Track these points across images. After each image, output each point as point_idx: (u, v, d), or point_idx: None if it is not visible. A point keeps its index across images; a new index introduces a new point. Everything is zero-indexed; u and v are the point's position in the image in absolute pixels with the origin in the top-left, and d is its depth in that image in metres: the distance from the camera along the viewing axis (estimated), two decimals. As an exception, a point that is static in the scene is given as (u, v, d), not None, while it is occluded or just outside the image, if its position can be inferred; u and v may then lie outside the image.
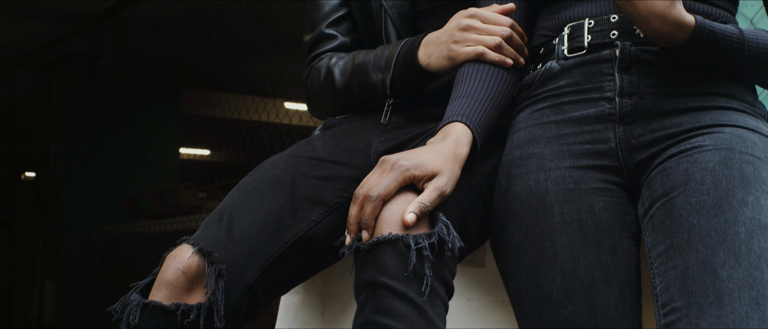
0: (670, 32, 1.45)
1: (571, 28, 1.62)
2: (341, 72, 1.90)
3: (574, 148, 1.56)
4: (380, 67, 1.82)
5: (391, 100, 1.83)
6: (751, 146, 1.47)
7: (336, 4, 1.99)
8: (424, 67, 1.76)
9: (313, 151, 1.77)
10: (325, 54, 1.97)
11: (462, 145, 1.51)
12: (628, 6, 1.46)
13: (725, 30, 1.48)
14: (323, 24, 1.99)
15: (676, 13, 1.44)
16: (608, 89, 1.56)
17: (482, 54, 1.67)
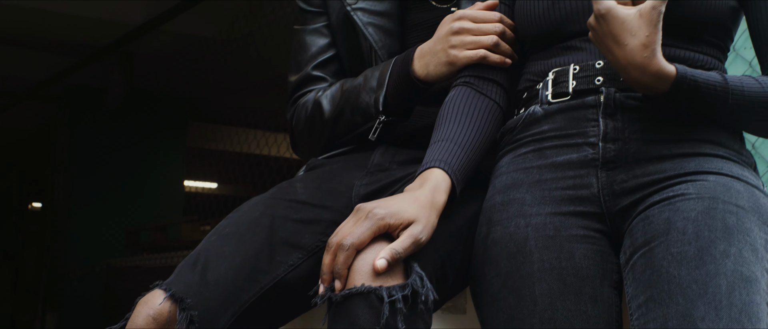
0: (649, 83, 1.43)
1: (555, 74, 1.59)
2: (330, 100, 1.88)
3: (556, 194, 1.53)
4: (372, 88, 1.81)
5: (382, 117, 1.81)
6: (736, 195, 1.44)
7: (323, 45, 1.98)
8: (422, 78, 1.75)
9: (293, 193, 1.74)
10: (310, 91, 1.95)
11: (440, 192, 1.48)
12: (609, 55, 1.44)
13: (708, 79, 1.45)
14: (310, 65, 1.97)
15: (656, 63, 1.41)
16: (592, 134, 1.53)
17: (484, 57, 1.68)
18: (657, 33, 1.40)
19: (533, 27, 1.64)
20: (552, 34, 1.62)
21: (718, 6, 1.56)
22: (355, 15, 1.91)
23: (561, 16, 1.61)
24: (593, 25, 1.45)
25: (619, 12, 1.41)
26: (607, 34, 1.43)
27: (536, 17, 1.63)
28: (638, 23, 1.40)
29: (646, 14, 1.40)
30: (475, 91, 1.67)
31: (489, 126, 1.64)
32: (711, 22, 1.57)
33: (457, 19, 1.72)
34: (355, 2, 1.92)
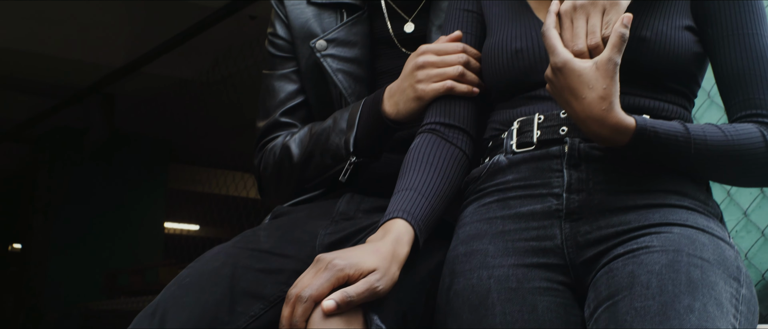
0: (608, 135, 1.42)
1: (520, 123, 1.58)
2: (299, 144, 1.86)
3: (520, 245, 1.51)
4: (342, 129, 1.80)
5: (353, 158, 1.79)
6: (700, 248, 1.42)
7: (292, 91, 1.96)
8: (393, 117, 1.74)
9: (256, 242, 1.72)
10: (278, 136, 1.94)
11: (402, 243, 1.46)
12: (568, 108, 1.44)
13: (669, 129, 1.44)
14: (278, 111, 1.95)
15: (615, 116, 1.40)
16: (556, 185, 1.51)
17: (451, 88, 1.67)
18: (614, 85, 1.39)
19: (498, 77, 1.63)
20: (516, 84, 1.61)
21: (681, 52, 1.55)
22: (324, 61, 1.90)
23: (524, 67, 1.60)
24: (551, 77, 1.44)
25: (576, 65, 1.40)
26: (565, 87, 1.42)
27: (500, 68, 1.62)
28: (595, 76, 1.39)
29: (602, 67, 1.39)
30: (440, 139, 1.66)
31: (454, 174, 1.62)
32: (674, 70, 1.55)
33: (421, 54, 1.72)
34: (325, 49, 1.90)
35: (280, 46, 1.98)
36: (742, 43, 1.56)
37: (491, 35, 1.69)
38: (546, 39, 1.44)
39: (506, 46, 1.63)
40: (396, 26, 1.93)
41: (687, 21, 1.58)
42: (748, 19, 1.57)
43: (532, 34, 1.61)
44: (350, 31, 1.91)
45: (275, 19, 2.00)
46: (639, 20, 1.55)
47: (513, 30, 1.64)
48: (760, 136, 1.49)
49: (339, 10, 1.94)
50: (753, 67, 1.55)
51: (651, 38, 1.53)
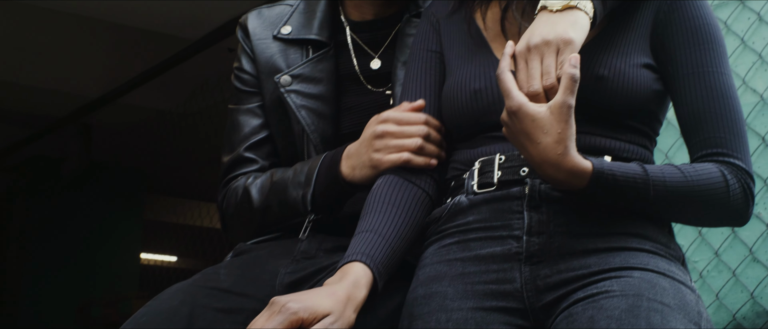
0: (565, 179, 1.41)
1: (481, 163, 1.57)
2: (259, 190, 1.85)
3: (479, 288, 1.49)
4: (300, 183, 1.78)
5: (312, 215, 1.77)
6: (661, 292, 1.40)
7: (256, 126, 1.95)
8: (348, 180, 1.72)
9: (216, 280, 1.69)
10: (242, 176, 1.92)
11: (360, 287, 1.45)
12: (524, 152, 1.42)
13: (627, 171, 1.43)
14: (242, 146, 1.94)
15: (570, 160, 1.39)
16: (517, 227, 1.49)
17: (408, 161, 1.64)
18: (569, 129, 1.38)
19: (458, 118, 1.62)
20: (476, 124, 1.60)
21: (640, 90, 1.53)
22: (288, 97, 1.88)
23: (483, 107, 1.59)
24: (506, 121, 1.43)
25: (530, 109, 1.39)
26: (520, 131, 1.40)
27: (460, 108, 1.61)
28: (549, 120, 1.38)
29: (556, 110, 1.37)
30: (403, 180, 1.64)
31: (417, 216, 1.60)
32: (633, 108, 1.54)
33: (382, 122, 1.69)
34: (289, 84, 1.89)
35: (246, 81, 1.97)
36: (703, 81, 1.54)
37: (451, 75, 1.68)
38: (501, 82, 1.43)
39: (465, 86, 1.61)
40: (362, 62, 1.92)
41: (646, 59, 1.57)
42: (708, 56, 1.56)
43: (491, 74, 1.60)
44: (315, 68, 1.90)
45: (241, 53, 1.99)
46: (596, 58, 1.53)
47: (472, 70, 1.63)
48: (721, 176, 1.48)
49: (305, 46, 1.93)
50: (713, 105, 1.53)
51: (609, 76, 1.52)
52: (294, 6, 1.99)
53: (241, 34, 1.99)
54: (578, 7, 1.45)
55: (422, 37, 1.77)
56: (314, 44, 1.92)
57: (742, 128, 1.55)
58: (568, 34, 1.42)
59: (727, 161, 1.51)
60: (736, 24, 2.79)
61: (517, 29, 1.61)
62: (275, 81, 1.90)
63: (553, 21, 1.44)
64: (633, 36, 1.58)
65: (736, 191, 1.48)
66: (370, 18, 1.93)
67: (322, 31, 1.92)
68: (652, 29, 1.59)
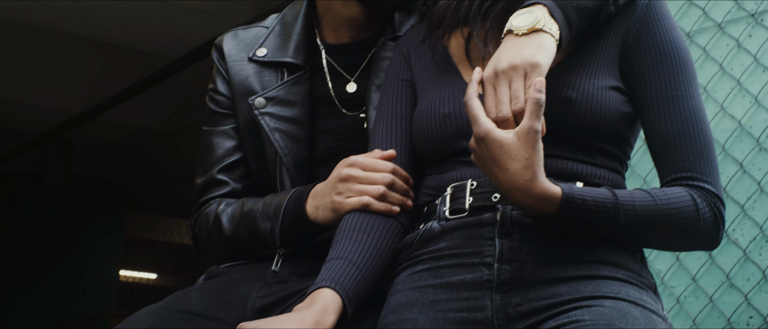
0: (534, 205, 1.40)
1: (453, 189, 1.56)
2: (229, 219, 1.83)
3: (450, 316, 1.47)
4: (269, 216, 1.76)
5: (281, 249, 1.76)
6: (632, 322, 1.39)
7: (230, 148, 1.94)
8: (312, 219, 1.71)
9: (187, 303, 1.68)
10: (215, 199, 1.90)
11: (328, 313, 1.43)
12: (492, 178, 1.41)
13: (597, 196, 1.42)
14: (215, 168, 1.93)
15: (539, 186, 1.38)
16: (488, 254, 1.48)
17: (367, 205, 1.62)
18: (536, 154, 1.37)
19: (428, 142, 1.61)
20: (446, 148, 1.59)
21: (609, 113, 1.53)
22: (262, 120, 1.87)
23: (453, 131, 1.58)
24: (474, 147, 1.42)
25: (497, 135, 1.38)
26: (488, 157, 1.40)
27: (429, 133, 1.61)
28: (517, 146, 1.37)
29: (523, 136, 1.37)
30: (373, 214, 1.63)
31: (389, 242, 1.59)
32: (603, 130, 1.53)
33: (348, 166, 1.68)
34: (264, 107, 1.88)
35: (220, 102, 1.96)
36: (672, 105, 1.54)
37: (421, 100, 1.68)
38: (468, 109, 1.42)
39: (434, 110, 1.61)
40: (337, 86, 1.91)
41: (614, 81, 1.56)
42: (677, 80, 1.55)
43: (460, 98, 1.59)
44: (290, 91, 1.90)
45: (216, 75, 1.98)
46: (564, 80, 1.53)
47: (441, 94, 1.63)
48: (690, 200, 1.47)
49: (280, 68, 1.92)
50: (683, 129, 1.53)
51: (577, 98, 1.52)
52: (270, 28, 1.98)
53: (217, 55, 1.99)
54: (544, 30, 1.45)
55: (393, 68, 1.77)
56: (289, 67, 1.92)
57: (712, 152, 1.55)
58: (535, 57, 1.41)
59: (697, 185, 1.50)
60: (714, 50, 2.80)
61: (481, 55, 1.61)
62: (249, 103, 1.89)
63: (519, 45, 1.44)
64: (601, 58, 1.58)
65: (706, 215, 1.48)
66: (346, 41, 1.93)
67: (298, 54, 1.91)
68: (620, 52, 1.58)
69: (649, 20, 1.58)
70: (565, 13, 1.49)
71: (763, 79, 2.71)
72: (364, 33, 1.92)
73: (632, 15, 1.59)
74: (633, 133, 1.61)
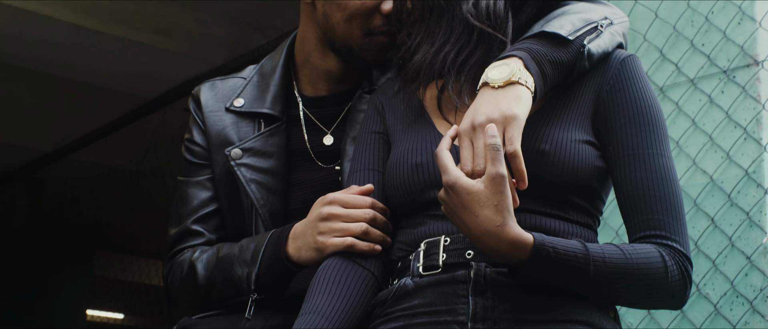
0: (506, 251, 1.40)
1: (427, 245, 1.56)
2: (204, 266, 1.82)
3: None
4: (245, 261, 1.76)
5: (254, 295, 1.75)
6: None
7: (205, 199, 1.93)
8: (294, 261, 1.70)
9: None
10: (189, 248, 1.89)
11: None
12: (463, 227, 1.42)
13: (568, 247, 1.42)
14: (190, 219, 1.92)
15: (511, 230, 1.39)
16: (461, 312, 1.48)
17: (352, 246, 1.62)
18: (505, 199, 1.38)
19: (400, 192, 1.61)
20: (417, 198, 1.59)
21: (582, 166, 1.54)
22: (238, 171, 1.87)
23: (424, 181, 1.58)
24: (444, 198, 1.43)
25: (466, 183, 1.39)
26: (458, 205, 1.40)
27: (401, 182, 1.61)
28: (485, 193, 1.38)
29: (489, 182, 1.38)
30: (348, 261, 1.63)
31: (362, 297, 1.59)
32: (576, 184, 1.54)
33: (328, 204, 1.68)
34: (240, 158, 1.88)
35: (196, 153, 1.95)
36: (643, 162, 1.55)
37: (394, 150, 1.68)
38: (438, 159, 1.43)
39: (406, 160, 1.61)
40: (313, 138, 1.92)
41: (587, 135, 1.57)
42: (649, 138, 1.56)
43: (432, 148, 1.59)
44: (267, 142, 1.90)
45: (192, 124, 1.98)
46: (538, 132, 1.54)
47: (414, 144, 1.63)
48: (659, 258, 1.48)
49: (257, 119, 1.92)
50: (653, 187, 1.53)
51: (550, 151, 1.52)
52: (247, 79, 1.98)
53: (194, 105, 1.99)
54: (520, 82, 1.47)
55: (367, 121, 1.77)
56: (266, 118, 1.92)
57: (681, 210, 1.56)
58: (512, 110, 1.43)
59: (666, 243, 1.51)
60: (687, 105, 2.83)
61: (454, 107, 1.62)
62: (226, 154, 1.89)
63: (496, 98, 1.45)
64: (575, 112, 1.59)
65: (674, 273, 1.48)
66: (324, 94, 1.94)
67: (275, 105, 1.92)
68: (594, 107, 1.60)
69: (622, 77, 1.60)
70: (539, 66, 1.51)
71: (734, 134, 2.73)
72: (342, 86, 1.93)
73: (606, 71, 1.61)
74: (605, 188, 1.62)
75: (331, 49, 1.89)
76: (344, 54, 1.87)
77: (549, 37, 1.55)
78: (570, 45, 1.55)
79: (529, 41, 1.55)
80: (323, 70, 1.91)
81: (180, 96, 5.24)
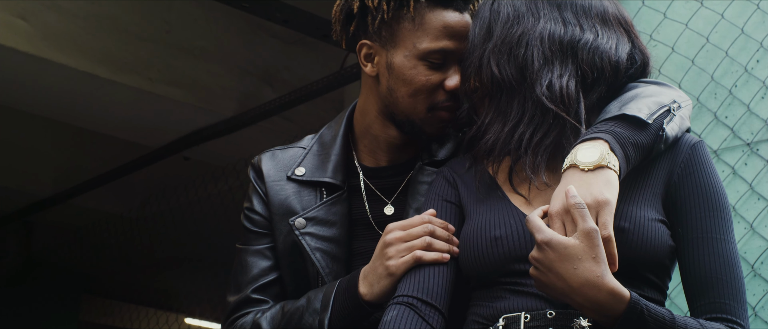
0: (605, 301, 1.44)
1: (506, 320, 1.58)
2: (270, 321, 1.85)
3: None
4: (316, 310, 1.79)
5: None
6: None
7: (265, 268, 1.95)
8: (368, 299, 1.75)
9: None
10: (250, 312, 1.91)
11: None
12: (560, 282, 1.45)
13: (658, 309, 1.48)
14: (250, 287, 1.94)
15: (610, 281, 1.43)
16: None
17: (419, 258, 1.68)
18: (602, 252, 1.43)
19: (478, 263, 1.64)
20: (496, 270, 1.62)
21: (658, 244, 1.59)
22: (303, 240, 1.90)
23: (505, 253, 1.61)
24: (537, 256, 1.47)
25: (562, 239, 1.44)
26: (554, 261, 1.44)
27: (480, 253, 1.63)
28: (581, 247, 1.43)
29: (584, 237, 1.43)
30: (416, 314, 1.65)
31: None
32: (652, 262, 1.59)
33: (388, 233, 1.75)
34: (304, 227, 1.91)
35: (257, 222, 1.98)
36: (711, 247, 1.60)
37: (469, 221, 1.71)
38: (530, 222, 1.48)
39: (484, 233, 1.64)
40: (374, 208, 1.95)
41: (660, 215, 1.62)
42: (717, 223, 1.62)
43: (511, 222, 1.63)
44: (330, 211, 1.93)
45: (253, 193, 2.00)
46: (617, 209, 1.56)
47: (491, 217, 1.66)
48: None
49: (319, 188, 1.95)
50: (721, 272, 1.59)
51: (630, 229, 1.57)
52: (307, 148, 2.02)
53: (254, 174, 2.01)
54: (609, 166, 1.51)
55: (438, 189, 1.80)
56: (328, 187, 1.95)
57: (744, 295, 1.61)
58: (605, 195, 1.48)
59: (733, 326, 1.57)
60: (743, 169, 2.85)
61: (528, 182, 1.66)
62: (290, 223, 1.91)
63: (587, 182, 1.50)
64: (648, 191, 1.64)
65: None
66: (384, 164, 1.97)
67: (336, 175, 1.95)
68: (665, 189, 1.65)
69: (693, 162, 1.66)
70: (623, 148, 1.56)
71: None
72: (402, 156, 1.97)
73: (677, 154, 1.66)
74: (674, 265, 1.66)
75: (392, 121, 1.93)
76: (405, 127, 1.91)
77: (629, 120, 1.60)
78: (649, 128, 1.61)
79: (610, 123, 1.60)
80: (384, 140, 1.95)
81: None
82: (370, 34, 1.90)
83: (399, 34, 1.87)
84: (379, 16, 1.87)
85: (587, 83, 1.67)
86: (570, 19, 1.68)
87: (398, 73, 1.87)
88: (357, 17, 1.91)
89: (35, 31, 4.33)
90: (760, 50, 2.82)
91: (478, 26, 1.75)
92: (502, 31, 1.71)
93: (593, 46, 1.66)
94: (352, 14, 1.91)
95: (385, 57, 1.89)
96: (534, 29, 1.68)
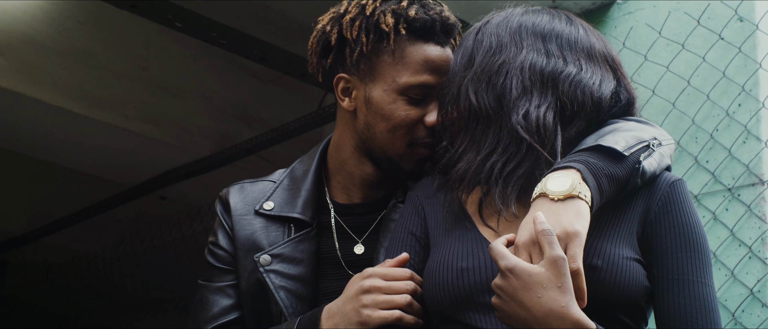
0: None
1: None
2: None
3: None
4: None
5: None
6: None
7: (226, 306, 1.88)
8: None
9: None
10: None
11: None
12: (522, 312, 1.39)
13: None
14: (209, 326, 1.87)
15: (576, 313, 1.38)
16: None
17: (400, 318, 1.61)
18: (568, 282, 1.38)
19: (442, 296, 1.58)
20: (461, 303, 1.56)
21: (632, 284, 1.53)
22: (267, 277, 1.84)
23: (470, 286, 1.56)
24: (500, 284, 1.41)
25: (527, 265, 1.39)
26: (518, 289, 1.39)
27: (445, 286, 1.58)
28: (547, 275, 1.38)
29: (552, 265, 1.38)
30: None
31: None
32: (627, 302, 1.53)
33: (368, 277, 1.66)
34: (269, 264, 1.85)
35: (221, 257, 1.91)
36: (687, 290, 1.55)
37: (436, 252, 1.66)
38: (493, 249, 1.43)
39: (450, 264, 1.59)
40: (344, 246, 1.89)
41: (635, 254, 1.57)
42: (694, 265, 1.57)
43: (479, 254, 1.58)
44: (296, 248, 1.87)
45: (218, 227, 1.94)
46: (589, 246, 1.52)
47: (458, 248, 1.62)
48: None
49: (287, 224, 1.90)
50: (697, 317, 1.54)
51: (603, 267, 1.52)
52: (277, 182, 1.96)
53: (221, 208, 1.95)
54: (580, 196, 1.46)
55: (405, 219, 1.75)
56: (297, 223, 1.89)
57: None
58: (574, 226, 1.43)
59: None
60: (724, 215, 2.80)
61: (497, 213, 1.61)
62: (254, 260, 1.85)
63: (556, 212, 1.45)
64: (623, 229, 1.58)
65: None
66: (357, 201, 1.91)
67: (306, 211, 1.89)
68: (641, 226, 1.59)
69: (671, 200, 1.60)
70: (597, 179, 1.51)
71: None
72: (376, 193, 1.91)
73: (655, 191, 1.61)
74: (649, 308, 1.61)
75: (369, 157, 1.87)
76: (383, 163, 1.86)
77: (605, 151, 1.55)
78: (625, 161, 1.55)
79: (585, 154, 1.55)
80: (358, 177, 1.90)
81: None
82: (347, 67, 1.85)
83: (378, 68, 1.82)
84: (358, 48, 1.82)
85: (566, 116, 1.62)
86: (554, 51, 1.64)
87: (377, 107, 1.82)
88: (335, 50, 1.86)
89: (8, 65, 4.27)
90: (742, 94, 2.80)
91: (461, 55, 1.71)
92: (483, 59, 1.66)
93: (575, 79, 1.62)
94: (329, 46, 1.86)
95: (363, 91, 1.84)
96: (515, 59, 1.63)
